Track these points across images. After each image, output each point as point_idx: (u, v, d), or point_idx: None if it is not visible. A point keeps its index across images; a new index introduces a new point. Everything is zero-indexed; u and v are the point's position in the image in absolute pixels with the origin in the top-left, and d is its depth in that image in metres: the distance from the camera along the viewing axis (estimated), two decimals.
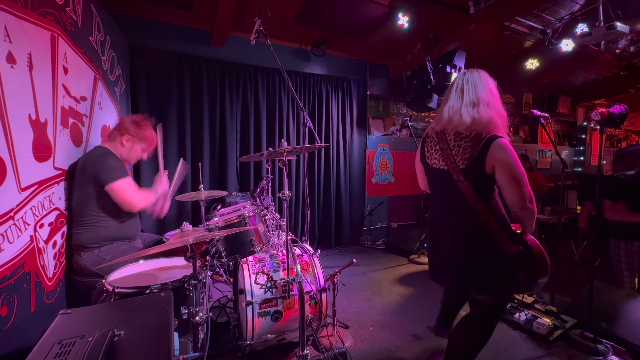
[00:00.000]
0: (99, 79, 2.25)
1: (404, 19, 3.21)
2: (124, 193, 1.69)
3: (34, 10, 1.43)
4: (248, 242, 1.78)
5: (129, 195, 1.70)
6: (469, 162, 1.33)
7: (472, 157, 1.32)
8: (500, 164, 1.28)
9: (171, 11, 3.19)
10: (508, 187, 1.31)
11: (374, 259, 3.92)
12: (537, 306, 2.43)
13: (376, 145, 4.76)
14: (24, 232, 1.37)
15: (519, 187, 1.29)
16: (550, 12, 3.30)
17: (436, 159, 1.45)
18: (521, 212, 1.35)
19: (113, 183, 1.66)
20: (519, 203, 1.31)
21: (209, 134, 3.50)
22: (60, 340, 0.66)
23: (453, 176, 1.37)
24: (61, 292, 1.69)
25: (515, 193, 1.30)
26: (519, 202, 1.31)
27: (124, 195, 1.69)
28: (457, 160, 1.36)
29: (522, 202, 1.31)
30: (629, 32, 2.77)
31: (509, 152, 1.28)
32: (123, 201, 1.69)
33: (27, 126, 1.37)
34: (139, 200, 1.74)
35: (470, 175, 1.34)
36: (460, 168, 1.35)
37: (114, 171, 1.68)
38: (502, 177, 1.30)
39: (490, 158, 1.29)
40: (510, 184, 1.29)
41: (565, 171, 2.35)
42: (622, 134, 7.71)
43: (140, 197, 1.76)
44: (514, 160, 1.28)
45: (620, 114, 1.99)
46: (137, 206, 1.73)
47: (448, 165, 1.39)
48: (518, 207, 1.33)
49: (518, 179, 1.28)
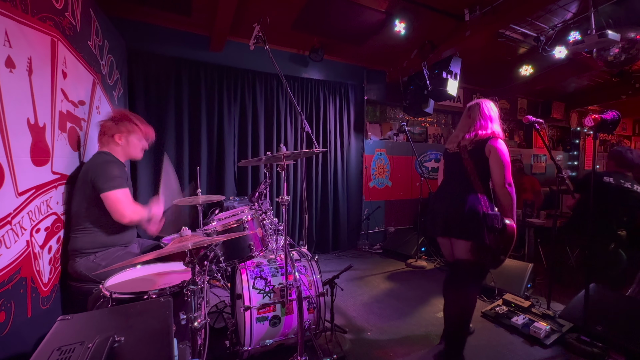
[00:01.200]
0: (98, 84, 2.25)
1: (400, 26, 3.26)
2: (116, 202, 1.66)
3: (34, 15, 1.43)
4: (246, 247, 1.78)
5: (121, 205, 1.67)
6: (474, 146, 1.85)
7: (477, 143, 1.84)
8: (494, 151, 1.77)
9: (170, 16, 3.21)
10: (495, 168, 1.75)
11: (371, 264, 3.92)
12: (533, 310, 2.45)
13: (373, 149, 4.79)
14: (20, 237, 1.36)
15: (503, 170, 1.73)
16: (543, 20, 3.37)
17: (452, 144, 2.01)
18: (502, 190, 1.75)
19: (109, 192, 1.64)
20: (501, 182, 1.74)
21: (206, 138, 3.50)
22: (59, 347, 0.66)
23: (462, 155, 1.89)
24: (56, 298, 1.66)
25: (499, 174, 1.74)
26: (500, 181, 1.74)
27: (116, 204, 1.65)
28: (467, 145, 1.88)
29: (503, 182, 1.73)
30: (620, 40, 2.83)
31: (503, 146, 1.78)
32: (114, 210, 1.66)
33: (26, 130, 1.36)
34: (130, 212, 1.70)
35: (473, 155, 1.84)
36: (468, 149, 1.87)
37: (113, 180, 1.66)
38: (493, 160, 1.77)
39: (488, 147, 1.79)
40: (497, 166, 1.75)
41: (560, 176, 2.38)
42: (615, 139, 7.83)
43: (131, 209, 1.71)
44: (504, 151, 1.76)
45: (613, 120, 2.03)
46: (126, 217, 1.68)
47: (460, 149, 1.92)
48: (500, 186, 1.75)
49: (503, 164, 1.74)
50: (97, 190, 1.65)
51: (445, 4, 3.12)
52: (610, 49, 3.16)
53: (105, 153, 1.79)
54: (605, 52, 3.24)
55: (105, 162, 1.71)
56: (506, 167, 1.73)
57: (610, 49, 3.18)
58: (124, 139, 1.83)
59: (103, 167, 1.68)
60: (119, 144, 1.83)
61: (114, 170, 1.69)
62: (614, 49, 3.16)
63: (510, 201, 1.75)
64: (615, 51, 3.19)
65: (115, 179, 1.67)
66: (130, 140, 1.86)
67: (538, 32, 3.46)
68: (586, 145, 7.14)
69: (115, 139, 1.81)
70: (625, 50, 3.11)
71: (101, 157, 1.75)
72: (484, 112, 1.90)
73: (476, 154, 1.82)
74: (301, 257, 2.08)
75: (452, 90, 3.84)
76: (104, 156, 1.76)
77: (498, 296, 2.76)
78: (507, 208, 1.77)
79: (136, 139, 1.88)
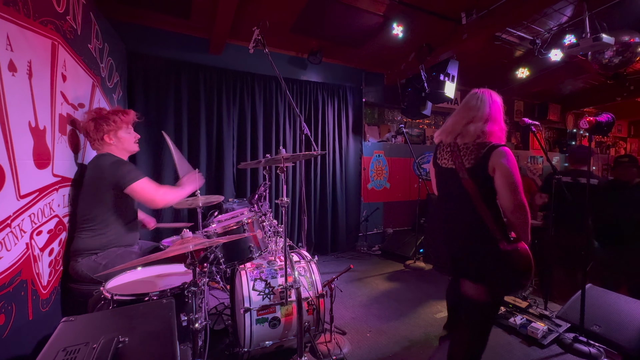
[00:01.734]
0: (97, 86, 2.26)
1: (398, 29, 3.29)
2: (144, 191, 1.71)
3: (35, 19, 1.44)
4: (246, 249, 1.79)
5: (150, 192, 1.72)
6: (474, 162, 1.48)
7: (477, 158, 1.47)
8: (501, 168, 1.42)
9: (169, 19, 3.23)
10: (504, 190, 1.42)
11: (370, 265, 3.93)
12: (531, 311, 2.47)
13: (372, 151, 4.81)
14: (20, 240, 1.36)
15: (513, 193, 1.41)
16: (539, 24, 3.41)
17: (446, 159, 1.62)
18: (513, 216, 1.45)
19: (133, 184, 1.68)
20: (512, 207, 1.42)
21: (205, 140, 3.51)
22: (65, 347, 0.67)
23: (459, 174, 1.52)
24: (56, 300, 1.67)
25: (509, 197, 1.42)
26: (511, 205, 1.42)
27: (144, 193, 1.71)
28: (464, 160, 1.52)
29: (514, 207, 1.42)
30: (614, 44, 2.87)
31: (510, 159, 1.42)
32: (145, 200, 1.71)
33: (27, 133, 1.37)
34: (160, 196, 1.75)
35: (473, 174, 1.48)
36: (466, 167, 1.50)
37: (131, 173, 1.70)
38: (500, 181, 1.42)
39: (493, 162, 1.43)
40: (505, 188, 1.41)
41: (556, 177, 2.41)
42: (610, 141, 7.90)
43: (161, 193, 1.76)
44: (513, 167, 1.41)
45: (607, 122, 2.07)
46: (159, 201, 1.74)
47: (456, 164, 1.54)
48: (510, 211, 1.44)
49: (513, 185, 1.40)
50: (120, 187, 1.67)
51: (443, 8, 3.16)
52: (605, 52, 3.21)
53: (107, 155, 1.79)
54: (600, 55, 3.29)
55: (115, 162, 1.73)
56: (519, 188, 1.41)
57: (604, 52, 3.23)
58: (114, 137, 1.80)
59: (117, 165, 1.71)
60: (111, 144, 1.80)
61: (127, 166, 1.74)
62: (608, 52, 3.21)
63: (524, 222, 1.44)
64: (610, 54, 3.24)
65: (131, 172, 1.71)
66: (120, 136, 1.82)
67: (534, 35, 3.51)
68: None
69: (106, 140, 1.79)
70: (619, 53, 3.16)
71: (107, 158, 1.75)
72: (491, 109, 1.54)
73: (478, 174, 1.46)
74: (300, 259, 2.09)
75: (449, 93, 3.88)
76: (110, 157, 1.76)
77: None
78: (521, 230, 1.47)
79: (125, 133, 1.85)
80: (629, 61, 3.24)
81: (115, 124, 1.80)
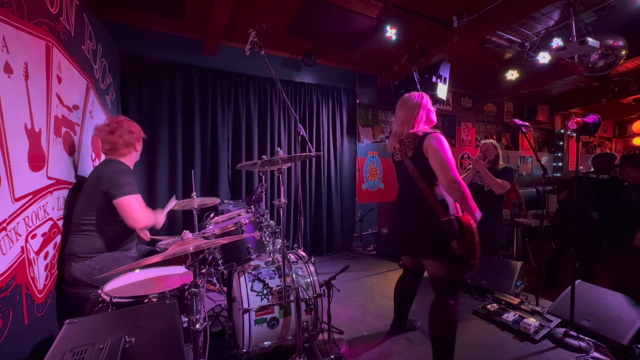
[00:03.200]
0: (91, 88, 2.24)
1: (391, 32, 3.34)
2: (130, 208, 1.68)
3: (30, 20, 1.43)
4: (244, 250, 1.79)
5: (135, 211, 1.70)
6: (413, 151, 1.76)
7: (414, 146, 1.76)
8: (432, 150, 1.67)
9: (163, 20, 3.21)
10: (437, 169, 1.66)
11: (365, 265, 3.96)
12: (523, 307, 2.53)
13: (366, 152, 4.85)
14: (15, 243, 1.35)
15: (445, 170, 1.63)
16: (528, 27, 3.51)
17: (397, 154, 1.91)
18: (450, 191, 1.66)
19: (122, 198, 1.66)
20: (446, 183, 1.64)
21: (200, 142, 3.50)
22: (71, 349, 0.67)
23: (405, 162, 1.81)
24: (51, 304, 1.64)
25: (442, 174, 1.65)
26: (446, 182, 1.64)
27: (130, 210, 1.68)
28: (407, 151, 1.81)
29: (449, 182, 1.63)
30: (600, 47, 2.97)
31: (440, 141, 1.68)
32: (128, 216, 1.68)
33: (23, 136, 1.36)
34: (143, 216, 1.73)
35: (415, 160, 1.76)
36: (408, 156, 1.79)
37: (126, 187, 1.69)
38: (433, 161, 1.67)
39: (426, 145, 1.70)
40: (437, 166, 1.66)
41: (545, 177, 2.48)
42: (597, 141, 8.13)
43: (144, 214, 1.75)
44: (442, 148, 1.66)
45: (594, 123, 2.14)
46: (141, 222, 1.72)
47: (402, 156, 1.83)
48: (447, 187, 1.66)
49: (444, 162, 1.64)
50: (109, 197, 1.66)
51: (435, 11, 3.22)
52: (591, 55, 3.31)
53: (116, 161, 1.80)
54: (586, 58, 3.39)
55: (117, 171, 1.73)
56: (449, 166, 1.62)
57: (590, 55, 3.33)
58: (139, 147, 1.92)
59: (115, 176, 1.70)
60: (137, 151, 1.91)
61: (126, 179, 1.72)
62: (593, 55, 3.31)
63: (460, 196, 1.64)
64: (595, 57, 3.34)
65: (127, 186, 1.69)
66: (137, 149, 1.93)
67: (523, 39, 3.60)
68: (570, 147, 7.39)
69: (137, 147, 1.90)
70: (604, 57, 3.27)
71: (113, 165, 1.76)
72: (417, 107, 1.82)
73: (417, 159, 1.73)
74: (298, 259, 2.11)
75: (441, 94, 3.95)
76: (116, 165, 1.77)
77: (489, 294, 2.83)
78: (463, 203, 1.67)
79: (140, 145, 1.95)
80: (613, 64, 3.35)
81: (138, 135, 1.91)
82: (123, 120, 1.87)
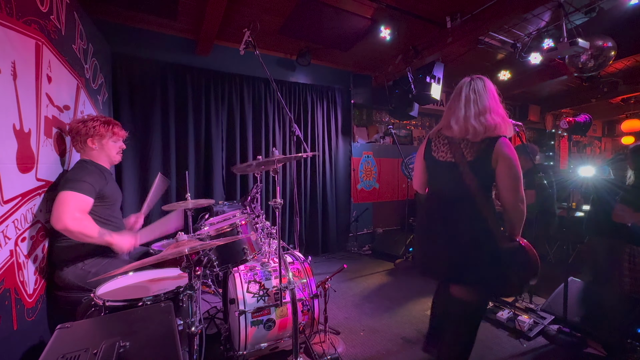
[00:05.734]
0: (82, 88, 2.20)
1: (386, 32, 3.35)
2: (61, 204, 1.48)
3: (19, 18, 1.39)
4: (240, 251, 1.77)
5: (63, 207, 1.47)
6: (476, 155, 1.39)
7: (480, 150, 1.39)
8: (505, 159, 1.35)
9: (155, 20, 3.17)
10: (507, 182, 1.37)
11: (361, 265, 3.96)
12: (517, 305, 2.56)
13: (361, 152, 4.86)
14: (4, 247, 1.31)
15: (516, 186, 1.36)
16: (519, 28, 3.55)
17: (444, 152, 1.50)
18: (514, 210, 1.40)
19: (62, 191, 1.51)
20: (514, 201, 1.37)
21: (194, 143, 3.46)
22: (64, 355, 0.65)
23: (459, 168, 1.41)
24: (42, 309, 1.61)
25: (512, 190, 1.37)
26: (514, 199, 1.37)
27: (59, 205, 1.48)
28: (465, 153, 1.42)
29: (516, 201, 1.37)
30: (589, 48, 3.02)
31: (513, 150, 1.37)
32: (54, 211, 1.48)
33: (12, 137, 1.33)
34: (69, 218, 1.47)
35: (475, 168, 1.39)
36: (467, 160, 1.40)
37: (74, 182, 1.56)
38: (503, 172, 1.36)
39: (497, 153, 1.36)
40: (509, 180, 1.36)
41: (539, 176, 2.51)
42: (587, 140, 8.27)
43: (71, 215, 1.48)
44: (516, 159, 1.36)
45: (585, 122, 2.18)
46: (61, 222, 1.46)
47: (456, 157, 1.43)
48: (512, 205, 1.39)
49: (517, 177, 1.36)
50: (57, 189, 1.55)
51: (428, 12, 3.24)
52: (581, 55, 3.36)
53: (85, 161, 1.73)
54: (577, 59, 3.44)
55: (82, 167, 1.66)
56: (520, 180, 1.36)
57: (580, 56, 3.38)
58: (97, 143, 1.75)
59: (75, 170, 1.62)
60: (93, 149, 1.75)
61: (84, 176, 1.59)
62: (584, 56, 3.37)
63: (522, 218, 1.41)
64: (585, 58, 3.40)
65: (77, 182, 1.55)
66: (104, 143, 1.78)
67: (515, 39, 3.64)
68: (561, 146, 7.51)
69: (89, 143, 1.73)
70: (594, 57, 3.32)
71: (81, 164, 1.70)
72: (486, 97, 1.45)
73: (480, 167, 1.38)
74: (294, 260, 2.10)
75: (435, 94, 3.97)
76: (84, 164, 1.70)
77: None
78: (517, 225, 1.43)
79: (110, 141, 1.80)
80: (603, 64, 3.41)
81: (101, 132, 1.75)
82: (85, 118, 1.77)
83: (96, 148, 1.76)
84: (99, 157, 1.79)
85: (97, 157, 1.78)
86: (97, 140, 1.76)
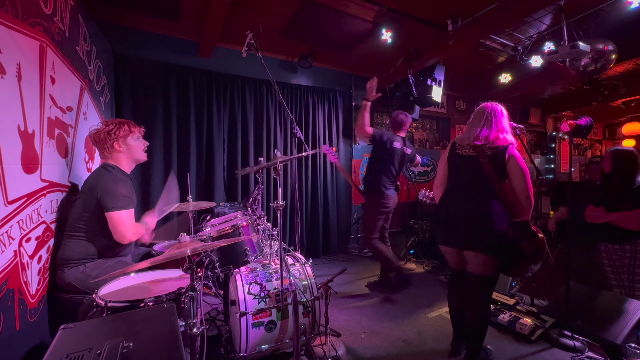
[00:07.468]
0: (85, 89, 2.21)
1: (387, 35, 3.36)
2: (120, 224, 1.64)
3: (24, 20, 1.41)
4: (242, 252, 1.78)
5: (124, 227, 1.65)
6: (494, 152, 1.83)
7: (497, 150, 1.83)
8: (514, 159, 1.80)
9: (158, 22, 3.19)
10: (518, 177, 1.79)
11: (361, 267, 3.96)
12: (518, 308, 2.55)
13: (361, 154, 4.87)
14: (8, 247, 1.32)
15: (525, 179, 1.78)
16: (520, 31, 3.56)
17: (467, 149, 1.93)
18: (525, 199, 1.78)
19: (114, 212, 1.62)
20: (525, 192, 1.77)
21: (195, 144, 3.47)
22: (67, 355, 0.65)
23: (479, 159, 1.84)
24: (44, 309, 1.61)
25: (523, 183, 1.78)
26: (525, 190, 1.77)
27: (119, 226, 1.64)
28: (485, 149, 1.86)
29: (527, 191, 1.77)
30: (590, 51, 3.03)
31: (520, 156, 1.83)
32: (117, 231, 1.65)
33: (16, 137, 1.34)
34: (131, 233, 1.69)
35: (492, 160, 1.82)
36: (487, 154, 1.84)
37: (121, 200, 1.65)
38: (514, 169, 1.80)
39: (508, 153, 1.81)
40: (520, 175, 1.79)
41: (539, 178, 2.52)
42: (588, 143, 8.27)
43: (132, 231, 1.70)
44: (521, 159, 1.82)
45: (586, 125, 2.18)
46: (127, 239, 1.68)
47: (477, 152, 1.87)
48: (524, 195, 1.78)
49: (525, 172, 1.79)
50: (103, 207, 1.63)
51: (430, 15, 3.25)
52: (581, 59, 3.37)
53: (111, 167, 1.75)
54: (577, 62, 3.45)
55: (114, 180, 1.69)
56: (528, 177, 1.79)
57: (581, 59, 3.39)
58: (123, 144, 1.79)
59: (112, 185, 1.66)
60: (120, 151, 1.79)
61: (122, 189, 1.68)
62: (584, 59, 3.38)
63: (530, 206, 1.79)
64: (586, 61, 3.40)
65: (122, 199, 1.65)
66: (129, 143, 1.81)
67: (515, 42, 3.65)
68: (562, 149, 7.50)
69: (115, 147, 1.78)
70: (594, 61, 3.33)
71: (109, 173, 1.71)
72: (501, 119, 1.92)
73: (496, 160, 1.81)
74: (295, 262, 2.10)
75: (436, 97, 3.98)
76: (112, 172, 1.73)
77: None
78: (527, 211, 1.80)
79: (133, 140, 1.83)
80: (604, 68, 3.42)
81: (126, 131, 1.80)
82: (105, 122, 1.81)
83: (123, 150, 1.80)
84: (123, 160, 1.82)
85: (122, 161, 1.81)
86: (122, 142, 1.79)
